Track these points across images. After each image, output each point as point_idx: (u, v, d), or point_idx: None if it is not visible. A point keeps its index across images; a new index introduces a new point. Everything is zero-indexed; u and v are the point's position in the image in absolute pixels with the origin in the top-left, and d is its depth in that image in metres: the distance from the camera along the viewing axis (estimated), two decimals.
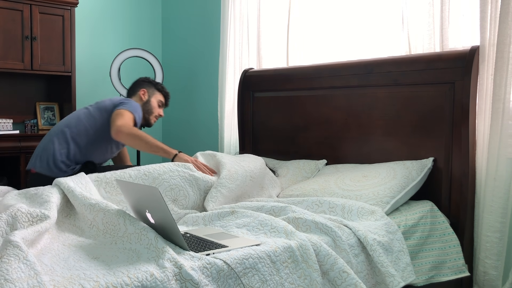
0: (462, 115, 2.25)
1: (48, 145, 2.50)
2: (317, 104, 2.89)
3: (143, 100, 2.78)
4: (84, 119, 2.57)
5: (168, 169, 2.18)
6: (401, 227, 2.04)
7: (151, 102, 2.79)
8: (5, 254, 1.24)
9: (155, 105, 2.80)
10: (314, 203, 2.10)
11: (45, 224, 1.57)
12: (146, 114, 2.78)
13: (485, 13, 2.20)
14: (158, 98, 2.82)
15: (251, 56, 3.50)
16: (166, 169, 2.18)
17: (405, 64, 2.48)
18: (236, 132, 3.53)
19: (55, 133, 2.55)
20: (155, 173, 2.15)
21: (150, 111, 2.79)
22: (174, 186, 2.13)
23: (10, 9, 3.45)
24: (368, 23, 2.89)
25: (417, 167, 2.33)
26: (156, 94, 2.82)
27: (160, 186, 2.11)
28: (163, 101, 2.86)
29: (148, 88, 2.81)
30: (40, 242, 1.54)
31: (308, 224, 1.81)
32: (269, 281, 1.49)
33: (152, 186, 1.46)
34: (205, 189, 2.20)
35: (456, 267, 2.12)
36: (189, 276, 1.33)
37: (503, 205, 2.14)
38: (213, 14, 4.00)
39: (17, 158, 3.45)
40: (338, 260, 1.64)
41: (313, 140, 2.93)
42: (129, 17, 4.37)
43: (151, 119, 2.81)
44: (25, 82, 3.82)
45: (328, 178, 2.45)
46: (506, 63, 2.12)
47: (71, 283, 1.21)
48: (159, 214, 1.45)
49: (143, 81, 2.86)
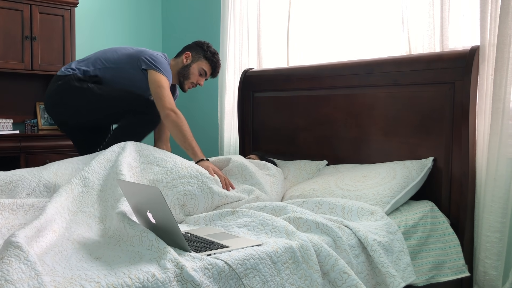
0: (462, 115, 2.25)
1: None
2: (317, 104, 2.89)
3: (184, 64, 2.67)
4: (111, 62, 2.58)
5: (188, 174, 2.14)
6: (401, 227, 2.04)
7: (191, 67, 2.67)
8: (5, 255, 1.24)
9: (194, 71, 2.68)
10: (314, 204, 2.10)
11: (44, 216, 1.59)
12: (182, 77, 2.68)
13: (485, 13, 2.20)
14: (201, 66, 2.68)
15: (251, 56, 3.50)
16: (187, 173, 2.14)
17: (405, 64, 2.48)
18: (236, 132, 3.53)
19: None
20: (175, 174, 2.13)
21: (187, 75, 2.68)
22: (188, 193, 2.08)
23: (10, 9, 3.45)
24: (368, 23, 2.89)
25: (417, 167, 2.33)
26: (202, 61, 2.68)
27: (174, 188, 2.09)
28: (207, 70, 2.72)
29: (195, 53, 2.69)
30: (44, 238, 1.54)
31: (309, 224, 1.81)
32: (270, 282, 1.49)
33: (153, 186, 1.46)
34: (219, 203, 2.16)
35: (456, 267, 2.13)
36: (190, 277, 1.33)
37: (503, 205, 2.14)
38: (213, 14, 4.00)
39: (17, 158, 3.45)
40: (339, 261, 1.64)
41: (313, 140, 2.93)
42: (129, 17, 4.37)
43: (186, 84, 2.70)
44: (25, 82, 3.82)
45: (328, 178, 2.45)
46: (506, 63, 2.12)
47: (72, 284, 1.21)
48: (160, 214, 1.45)
49: (196, 45, 2.73)
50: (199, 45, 2.72)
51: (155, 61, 2.51)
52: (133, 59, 2.56)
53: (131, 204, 1.63)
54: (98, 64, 2.56)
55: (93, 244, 1.55)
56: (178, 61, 2.70)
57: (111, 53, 2.61)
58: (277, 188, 2.45)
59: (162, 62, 2.54)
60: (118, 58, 2.58)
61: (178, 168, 2.16)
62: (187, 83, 2.70)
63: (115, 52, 2.62)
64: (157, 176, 2.11)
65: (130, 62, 2.56)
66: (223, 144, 3.62)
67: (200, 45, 2.72)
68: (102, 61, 2.57)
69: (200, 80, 2.72)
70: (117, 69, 2.56)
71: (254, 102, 3.29)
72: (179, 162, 2.20)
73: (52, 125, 3.86)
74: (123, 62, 2.57)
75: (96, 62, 2.57)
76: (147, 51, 2.60)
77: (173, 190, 2.07)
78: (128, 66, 2.56)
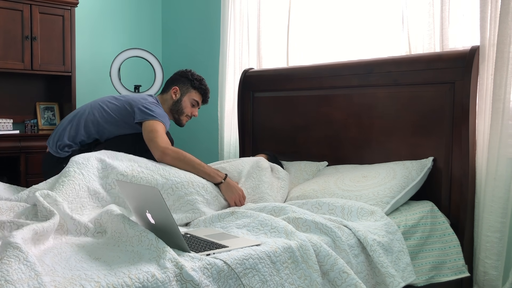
0: (462, 115, 2.25)
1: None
2: (317, 104, 2.89)
3: (174, 99, 2.61)
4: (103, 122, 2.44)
5: (195, 191, 2.10)
6: (401, 227, 2.04)
7: (183, 101, 2.61)
8: (5, 256, 1.24)
9: (186, 104, 2.63)
10: (313, 205, 2.10)
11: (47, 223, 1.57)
12: (176, 114, 2.63)
13: (485, 13, 2.20)
14: (192, 97, 2.63)
15: (251, 56, 3.50)
16: (194, 190, 2.10)
17: (405, 64, 2.48)
18: (236, 132, 3.52)
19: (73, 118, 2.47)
20: (182, 191, 2.08)
21: (181, 111, 2.63)
22: (196, 210, 2.06)
23: (10, 9, 3.44)
24: (368, 23, 2.89)
25: (417, 167, 2.33)
26: (191, 92, 2.63)
27: (183, 206, 2.06)
28: (198, 100, 2.66)
29: (182, 86, 2.63)
30: (45, 242, 1.53)
31: (308, 224, 1.81)
32: (269, 281, 1.49)
33: (152, 186, 1.45)
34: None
35: (456, 267, 2.12)
36: (190, 277, 1.33)
37: (503, 205, 2.14)
38: (213, 14, 4.00)
39: (17, 158, 3.45)
40: (338, 261, 1.64)
41: (313, 140, 2.93)
42: (129, 17, 4.37)
43: (182, 119, 2.66)
44: (25, 82, 3.82)
45: (327, 178, 2.45)
46: (506, 63, 2.12)
47: (72, 284, 1.21)
48: (160, 214, 1.45)
49: (180, 76, 2.66)
50: (184, 76, 2.65)
51: (150, 109, 2.40)
52: (125, 114, 2.43)
53: (131, 204, 1.63)
54: (90, 129, 2.44)
55: (92, 245, 1.55)
56: (167, 97, 2.63)
57: (98, 111, 2.47)
58: (284, 192, 2.45)
59: (156, 109, 2.43)
60: (108, 116, 2.45)
61: (183, 182, 2.11)
62: (183, 118, 2.65)
63: (101, 109, 2.47)
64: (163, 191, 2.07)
65: (122, 116, 2.44)
66: (223, 144, 3.62)
67: (184, 75, 2.66)
68: (93, 124, 2.44)
69: (194, 111, 2.68)
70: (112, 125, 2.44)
71: (254, 102, 3.29)
72: (184, 177, 2.14)
73: (52, 125, 3.86)
74: (115, 118, 2.44)
75: (88, 127, 2.44)
76: (138, 100, 2.47)
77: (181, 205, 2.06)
78: (122, 122, 2.44)
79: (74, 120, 2.48)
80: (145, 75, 4.26)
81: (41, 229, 1.49)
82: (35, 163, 3.45)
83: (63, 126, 2.49)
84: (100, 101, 2.54)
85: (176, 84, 2.64)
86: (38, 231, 1.49)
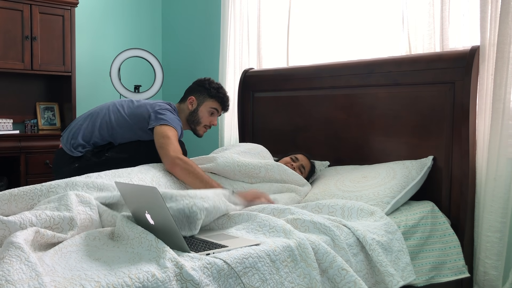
0: (462, 115, 2.25)
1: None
2: (317, 104, 2.89)
3: (190, 110, 2.54)
4: (117, 126, 2.40)
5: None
6: (401, 227, 2.04)
7: (199, 111, 2.54)
8: (6, 255, 1.24)
9: (203, 114, 2.55)
10: (313, 208, 2.09)
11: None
12: (192, 124, 2.56)
13: (485, 13, 2.20)
14: (209, 106, 2.55)
15: (251, 56, 3.50)
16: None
17: (405, 64, 2.48)
18: (236, 132, 3.53)
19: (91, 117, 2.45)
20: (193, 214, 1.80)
21: (197, 121, 2.55)
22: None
23: (10, 9, 3.45)
24: (368, 23, 2.89)
25: (417, 166, 2.33)
26: (208, 101, 2.54)
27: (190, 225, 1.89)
28: (217, 107, 2.57)
29: (199, 95, 2.55)
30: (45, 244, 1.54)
31: (306, 224, 1.81)
32: (269, 280, 1.49)
33: (151, 186, 1.46)
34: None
35: (456, 267, 2.12)
36: (190, 276, 1.33)
37: (503, 205, 2.14)
38: (213, 14, 4.00)
39: (17, 158, 3.45)
40: (337, 258, 1.65)
41: (313, 140, 2.93)
42: (129, 17, 4.37)
43: (199, 129, 2.58)
44: (25, 82, 3.82)
45: (328, 181, 2.45)
46: (506, 63, 2.12)
47: (72, 284, 1.21)
48: (159, 214, 1.45)
49: (197, 86, 2.58)
50: (201, 85, 2.57)
51: (159, 113, 2.36)
52: (141, 119, 2.40)
53: (130, 206, 1.63)
54: (104, 131, 2.41)
55: (91, 246, 1.55)
56: (184, 107, 2.56)
57: (114, 114, 2.44)
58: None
59: (170, 115, 2.37)
60: (123, 120, 2.42)
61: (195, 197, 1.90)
62: (200, 128, 2.58)
63: (118, 113, 2.44)
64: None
65: (137, 122, 2.40)
66: (223, 144, 3.62)
67: (202, 84, 2.58)
68: (107, 127, 2.42)
69: (213, 121, 2.58)
70: (126, 129, 2.41)
71: (254, 102, 3.29)
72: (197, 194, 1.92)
73: (52, 125, 3.86)
74: (130, 123, 2.41)
75: (102, 129, 2.41)
76: (153, 106, 2.42)
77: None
78: (137, 127, 2.41)
79: (89, 119, 2.45)
80: (145, 75, 4.26)
81: (43, 233, 1.49)
82: (35, 163, 3.45)
83: (78, 124, 2.47)
84: (118, 104, 2.50)
85: (193, 94, 2.56)
86: (41, 234, 1.49)
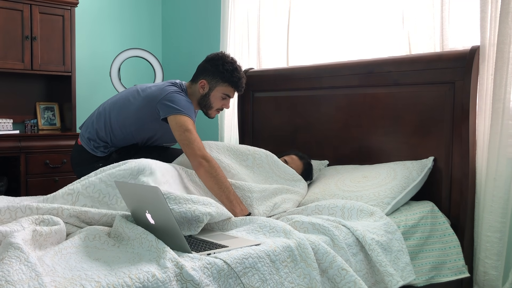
0: (462, 115, 2.25)
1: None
2: (317, 104, 2.89)
3: (201, 93, 2.42)
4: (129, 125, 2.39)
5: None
6: (401, 227, 2.04)
7: (211, 96, 2.41)
8: (6, 256, 1.24)
9: (215, 99, 2.41)
10: (313, 210, 2.10)
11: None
12: (204, 108, 2.46)
13: (485, 13, 2.20)
14: (222, 91, 2.40)
15: (251, 56, 3.50)
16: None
17: (405, 64, 2.48)
18: (236, 132, 3.52)
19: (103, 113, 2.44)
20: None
21: (209, 105, 2.43)
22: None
23: (10, 9, 3.44)
24: (368, 23, 2.89)
25: (418, 167, 2.33)
26: (220, 85, 2.38)
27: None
28: (230, 93, 2.43)
29: (211, 79, 2.39)
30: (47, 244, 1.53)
31: (305, 226, 1.82)
32: (268, 280, 1.49)
33: (153, 186, 1.46)
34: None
35: (456, 268, 2.12)
36: (190, 276, 1.33)
37: (503, 205, 2.14)
38: (213, 14, 4.00)
39: (17, 158, 3.44)
40: (337, 258, 1.65)
41: (313, 140, 2.93)
42: (129, 17, 4.37)
43: (211, 113, 2.48)
44: (25, 82, 3.82)
45: (328, 181, 2.45)
46: (506, 63, 2.12)
47: (72, 284, 1.21)
48: (160, 214, 1.45)
49: (210, 66, 2.40)
50: (214, 65, 2.39)
51: (173, 102, 2.28)
52: (148, 111, 2.35)
53: (129, 206, 1.63)
54: (117, 132, 2.41)
55: (91, 247, 1.55)
56: (195, 90, 2.44)
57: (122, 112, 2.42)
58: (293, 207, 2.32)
59: (180, 100, 2.29)
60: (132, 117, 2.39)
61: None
62: (212, 112, 2.48)
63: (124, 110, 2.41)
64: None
65: (145, 114, 2.36)
66: None
67: (215, 64, 2.39)
68: (120, 128, 2.41)
69: (226, 104, 2.46)
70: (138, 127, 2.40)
71: (254, 102, 3.29)
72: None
73: (52, 125, 3.86)
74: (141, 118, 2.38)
75: (115, 130, 2.41)
76: (158, 94, 2.34)
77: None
78: (148, 120, 2.37)
79: (99, 117, 2.45)
80: (145, 75, 4.26)
81: (41, 230, 1.49)
82: (35, 163, 3.45)
83: (91, 120, 2.48)
84: (123, 101, 2.46)
85: (204, 77, 2.41)
86: (38, 232, 1.49)
